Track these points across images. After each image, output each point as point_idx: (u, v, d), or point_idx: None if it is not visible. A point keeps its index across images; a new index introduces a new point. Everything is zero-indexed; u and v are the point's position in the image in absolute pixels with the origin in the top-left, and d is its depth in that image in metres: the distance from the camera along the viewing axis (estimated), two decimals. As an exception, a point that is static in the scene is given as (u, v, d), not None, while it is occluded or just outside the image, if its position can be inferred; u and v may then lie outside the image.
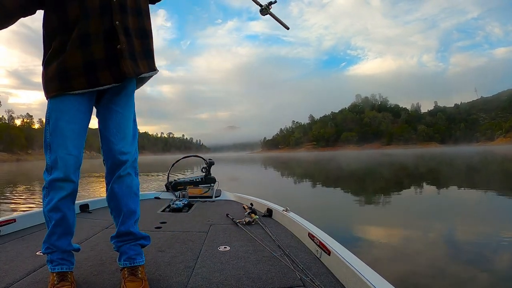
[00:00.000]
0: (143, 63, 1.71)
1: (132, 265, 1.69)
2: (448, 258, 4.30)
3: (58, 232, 1.62)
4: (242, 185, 15.49)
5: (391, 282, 1.44)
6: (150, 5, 1.84)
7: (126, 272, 1.67)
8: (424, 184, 13.76)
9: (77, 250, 1.75)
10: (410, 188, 12.57)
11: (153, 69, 1.78)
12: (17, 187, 14.95)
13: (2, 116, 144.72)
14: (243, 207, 3.50)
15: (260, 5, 2.04)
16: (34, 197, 10.99)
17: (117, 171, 1.70)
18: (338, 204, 8.81)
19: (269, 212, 3.21)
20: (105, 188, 1.79)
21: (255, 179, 19.31)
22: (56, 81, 1.56)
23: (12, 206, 9.26)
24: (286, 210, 2.95)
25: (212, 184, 4.61)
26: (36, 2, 1.58)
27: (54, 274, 1.62)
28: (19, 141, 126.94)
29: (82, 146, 1.65)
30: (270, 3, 2.05)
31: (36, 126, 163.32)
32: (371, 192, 11.34)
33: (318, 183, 14.99)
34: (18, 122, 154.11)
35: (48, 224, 1.64)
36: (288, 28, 2.22)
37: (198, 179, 4.66)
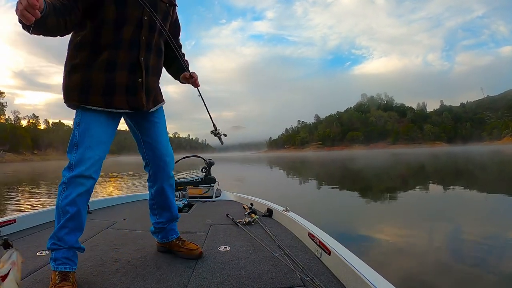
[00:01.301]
0: (154, 99, 1.98)
1: (179, 235, 2.23)
2: (459, 258, 4.29)
3: (69, 227, 1.72)
4: (249, 185, 15.40)
5: (391, 282, 1.44)
6: None
7: (178, 241, 2.17)
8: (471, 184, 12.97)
9: (82, 250, 1.82)
10: (455, 187, 12.04)
11: (161, 101, 2.07)
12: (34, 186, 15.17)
13: (8, 116, 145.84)
14: (243, 207, 3.51)
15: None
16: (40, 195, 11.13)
17: (166, 172, 2.07)
18: (373, 210, 8.25)
19: (269, 212, 3.22)
20: (149, 187, 2.16)
21: (265, 180, 18.86)
22: (76, 93, 1.74)
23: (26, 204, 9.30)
24: (286, 210, 2.95)
25: (212, 184, 4.60)
26: (77, 26, 1.71)
27: (57, 273, 1.66)
28: (25, 141, 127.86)
29: (106, 151, 1.83)
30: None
31: (42, 126, 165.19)
32: (415, 192, 10.96)
33: (354, 191, 12.29)
34: (24, 122, 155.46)
35: (60, 218, 1.71)
36: None
37: (198, 179, 4.65)
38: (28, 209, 8.63)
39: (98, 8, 1.70)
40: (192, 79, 2.14)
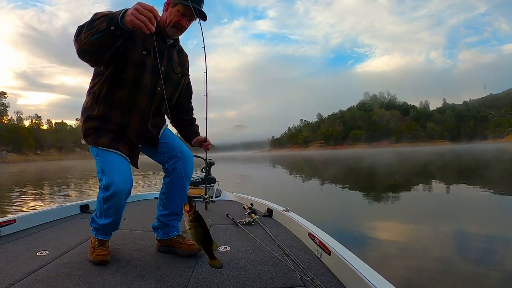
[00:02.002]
0: (156, 125, 2.18)
1: (180, 232, 2.26)
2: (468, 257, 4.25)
3: (109, 220, 2.02)
4: (254, 185, 15.30)
5: (392, 282, 1.44)
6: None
7: (179, 238, 2.21)
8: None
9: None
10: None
11: (162, 125, 2.25)
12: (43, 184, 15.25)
13: (11, 117, 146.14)
14: (243, 207, 3.51)
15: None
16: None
17: (184, 162, 2.17)
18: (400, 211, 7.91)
19: (269, 212, 3.23)
20: (164, 178, 2.26)
21: (271, 180, 18.56)
22: (90, 138, 1.99)
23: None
24: (286, 210, 2.96)
25: (212, 184, 4.59)
26: (103, 64, 1.87)
27: (96, 240, 2.06)
28: (28, 142, 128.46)
29: (128, 166, 2.01)
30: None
31: (45, 127, 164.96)
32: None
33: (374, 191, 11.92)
34: (26, 123, 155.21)
35: (102, 215, 2.02)
36: None
37: (198, 179, 4.64)
38: (31, 208, 8.66)
39: (120, 61, 1.86)
40: (205, 143, 2.33)
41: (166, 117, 2.29)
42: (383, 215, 7.38)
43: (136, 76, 1.91)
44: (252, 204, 3.51)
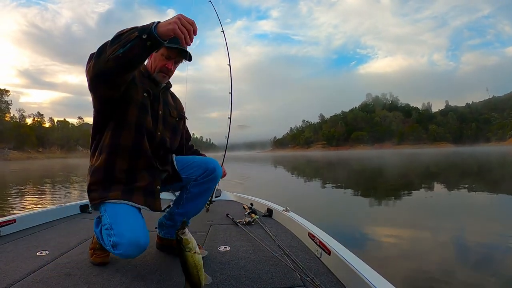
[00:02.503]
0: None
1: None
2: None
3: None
4: (253, 184, 15.13)
5: (391, 282, 1.43)
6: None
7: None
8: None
9: None
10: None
11: (170, 159, 2.14)
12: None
13: (13, 115, 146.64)
14: (243, 207, 3.51)
15: None
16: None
17: (211, 171, 2.09)
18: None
19: (269, 212, 3.23)
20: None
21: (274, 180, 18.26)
22: (97, 193, 1.80)
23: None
24: (286, 210, 2.95)
25: None
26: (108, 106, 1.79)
27: (98, 243, 1.97)
28: (30, 139, 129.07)
29: (141, 218, 1.81)
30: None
31: (47, 124, 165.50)
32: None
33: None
34: (29, 121, 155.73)
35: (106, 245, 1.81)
36: None
37: None
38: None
39: (123, 103, 1.79)
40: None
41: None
42: (385, 216, 7.33)
43: (139, 118, 1.84)
44: (252, 204, 3.51)
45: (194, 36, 1.49)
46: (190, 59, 1.93)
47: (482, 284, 3.48)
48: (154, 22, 1.47)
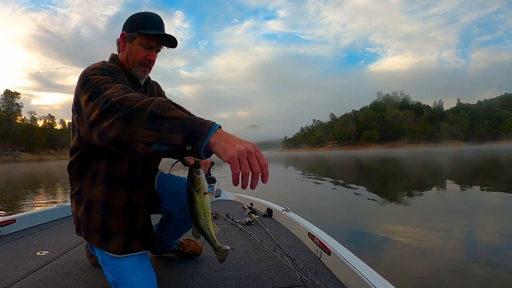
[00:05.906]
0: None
1: (178, 242, 2.14)
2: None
3: None
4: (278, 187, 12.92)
5: (391, 282, 1.45)
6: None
7: (179, 247, 2.13)
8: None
9: None
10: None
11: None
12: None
13: (25, 117, 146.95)
14: (243, 207, 3.49)
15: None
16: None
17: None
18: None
19: (269, 212, 3.21)
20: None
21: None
22: (97, 237, 1.49)
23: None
24: (286, 210, 2.95)
25: (212, 184, 4.20)
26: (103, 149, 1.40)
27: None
28: (41, 141, 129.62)
29: (151, 268, 1.63)
30: None
31: (58, 126, 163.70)
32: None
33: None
34: (40, 123, 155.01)
35: None
36: None
37: None
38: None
39: (116, 154, 1.47)
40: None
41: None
42: (398, 217, 7.07)
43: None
44: (252, 204, 3.50)
45: (255, 180, 0.96)
46: (175, 45, 1.58)
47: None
48: (210, 127, 1.00)
